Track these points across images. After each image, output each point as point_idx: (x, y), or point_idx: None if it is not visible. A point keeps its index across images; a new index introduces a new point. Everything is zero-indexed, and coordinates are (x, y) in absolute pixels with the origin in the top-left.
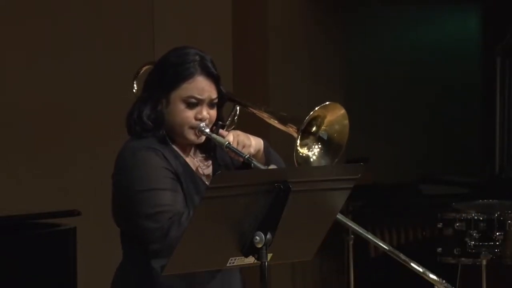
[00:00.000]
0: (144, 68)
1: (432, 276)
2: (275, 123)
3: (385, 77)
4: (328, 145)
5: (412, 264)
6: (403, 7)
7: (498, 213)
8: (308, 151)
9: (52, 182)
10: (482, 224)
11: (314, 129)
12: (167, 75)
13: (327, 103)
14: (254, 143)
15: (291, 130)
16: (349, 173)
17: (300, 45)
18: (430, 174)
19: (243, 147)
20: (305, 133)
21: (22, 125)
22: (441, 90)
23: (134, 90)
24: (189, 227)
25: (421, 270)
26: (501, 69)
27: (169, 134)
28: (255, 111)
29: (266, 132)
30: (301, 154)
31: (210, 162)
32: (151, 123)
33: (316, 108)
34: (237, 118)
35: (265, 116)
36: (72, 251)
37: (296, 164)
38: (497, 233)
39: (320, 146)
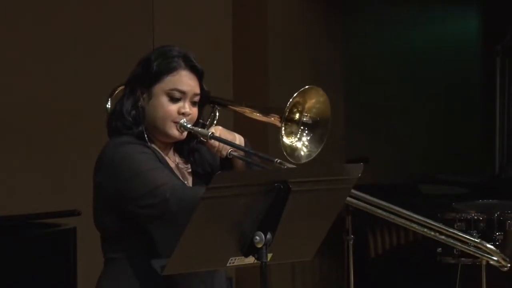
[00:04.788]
0: (119, 89)
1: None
2: (257, 116)
3: (385, 77)
4: (314, 128)
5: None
6: (403, 7)
7: (498, 213)
8: (295, 139)
9: (52, 182)
10: (482, 224)
11: (297, 116)
12: (150, 70)
13: (306, 87)
14: (238, 138)
15: (274, 120)
16: (349, 173)
17: (300, 45)
18: (430, 174)
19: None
20: (289, 122)
21: (22, 125)
22: (441, 90)
23: (108, 107)
24: (189, 227)
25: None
26: (501, 69)
27: (149, 132)
28: (235, 108)
29: (265, 133)
30: (288, 143)
31: (189, 165)
32: (131, 119)
33: (295, 94)
34: (216, 121)
35: (247, 111)
36: (72, 251)
37: (284, 153)
38: (497, 233)
39: (306, 131)
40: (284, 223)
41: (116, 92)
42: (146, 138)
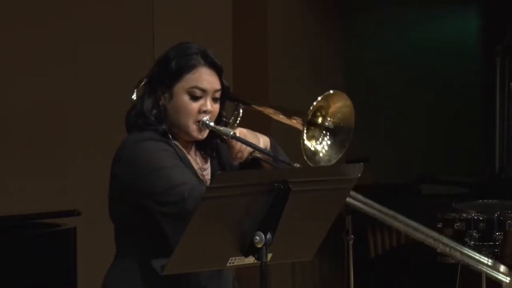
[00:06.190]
0: (145, 80)
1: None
2: (280, 117)
3: (385, 77)
4: (336, 134)
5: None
6: (403, 7)
7: (498, 213)
8: (316, 143)
9: (52, 182)
10: (482, 224)
11: (320, 120)
12: (170, 68)
13: (331, 91)
14: (262, 141)
15: (296, 122)
16: (349, 173)
17: (300, 45)
18: (430, 174)
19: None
20: (311, 125)
21: (22, 125)
22: (441, 90)
23: (133, 98)
24: (189, 227)
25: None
26: (501, 69)
27: (171, 130)
28: (259, 108)
29: (267, 129)
30: (309, 147)
31: (209, 164)
32: (154, 117)
33: (319, 98)
34: (240, 119)
35: (270, 112)
36: (72, 251)
37: (305, 157)
38: (497, 233)
39: (328, 136)
40: (284, 223)
41: (142, 83)
42: (170, 136)
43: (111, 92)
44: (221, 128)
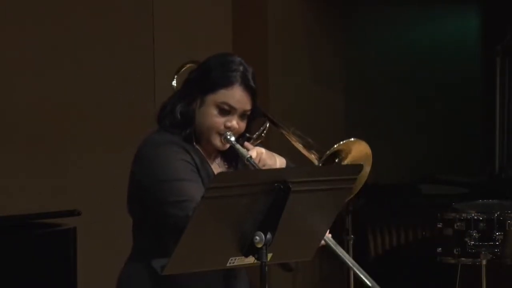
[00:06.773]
0: (187, 66)
1: None
2: (299, 146)
3: (385, 77)
4: None
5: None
6: (403, 7)
7: (498, 213)
8: None
9: (52, 182)
10: (482, 224)
11: (336, 160)
12: (208, 78)
13: (353, 139)
14: (278, 162)
15: (313, 157)
16: (349, 173)
17: (300, 45)
18: (430, 174)
19: (263, 166)
20: (327, 163)
21: (22, 125)
22: (441, 90)
23: (173, 85)
24: (189, 227)
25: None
26: (501, 69)
27: (196, 135)
28: (283, 132)
29: (266, 139)
30: None
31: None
32: (181, 118)
33: (341, 142)
34: (265, 134)
35: (292, 138)
36: (72, 251)
37: None
38: (497, 233)
39: None
40: (284, 223)
41: (183, 69)
42: (194, 141)
43: (111, 92)
44: (240, 148)
